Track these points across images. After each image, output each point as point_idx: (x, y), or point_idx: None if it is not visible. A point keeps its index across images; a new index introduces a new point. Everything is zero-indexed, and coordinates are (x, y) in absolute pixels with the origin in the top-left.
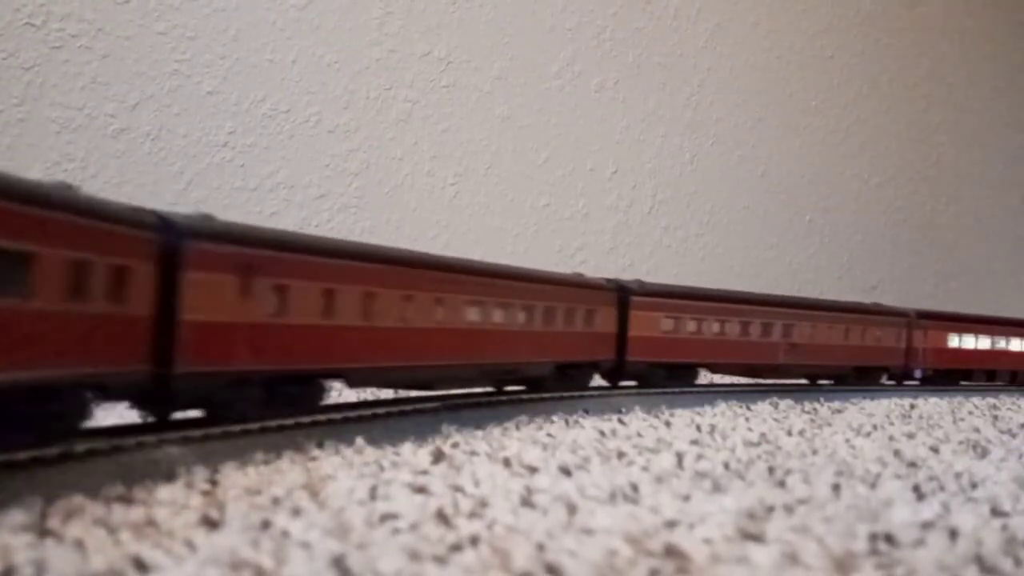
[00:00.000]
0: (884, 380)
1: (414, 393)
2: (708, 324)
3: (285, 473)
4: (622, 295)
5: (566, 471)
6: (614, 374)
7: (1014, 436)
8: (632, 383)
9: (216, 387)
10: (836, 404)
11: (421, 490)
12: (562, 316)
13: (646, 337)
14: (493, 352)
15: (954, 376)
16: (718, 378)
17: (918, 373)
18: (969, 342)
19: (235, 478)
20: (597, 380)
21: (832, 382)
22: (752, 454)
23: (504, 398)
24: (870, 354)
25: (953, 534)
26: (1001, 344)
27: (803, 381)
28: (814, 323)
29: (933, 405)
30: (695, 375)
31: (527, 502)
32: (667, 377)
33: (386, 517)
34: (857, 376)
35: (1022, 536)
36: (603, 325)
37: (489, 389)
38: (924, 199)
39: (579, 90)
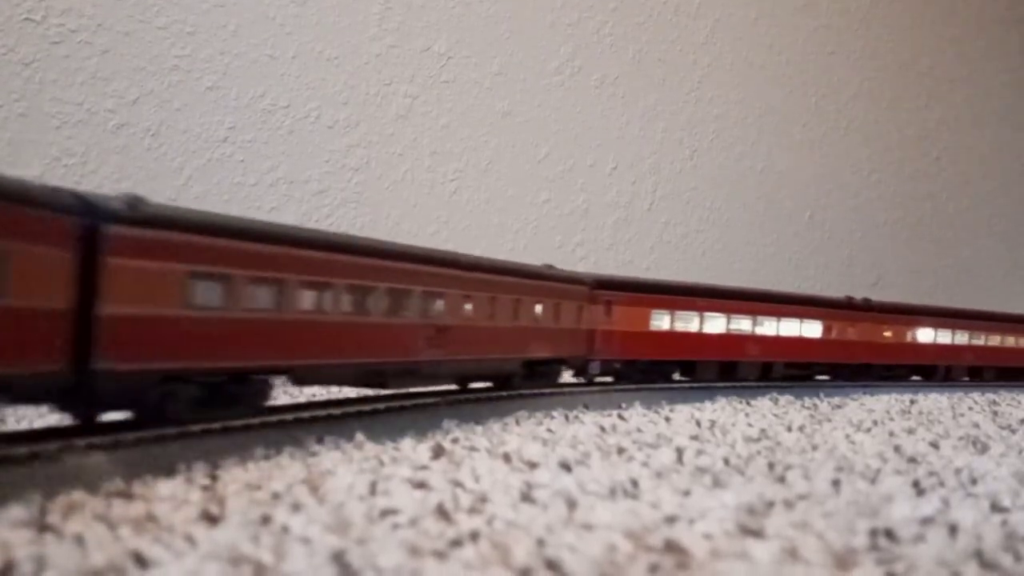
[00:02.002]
0: (569, 377)
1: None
2: (291, 293)
3: (285, 468)
4: (88, 224)
5: (566, 466)
6: (70, 399)
7: (1014, 432)
8: (123, 417)
9: None
10: (836, 399)
11: (421, 485)
12: None
13: (148, 319)
14: None
15: (666, 370)
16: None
17: (595, 367)
18: (689, 323)
19: (235, 473)
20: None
21: (491, 385)
22: (752, 450)
23: (504, 393)
24: (546, 341)
25: (953, 530)
26: (742, 327)
27: (451, 387)
28: (470, 293)
29: (933, 401)
30: (264, 393)
31: (527, 497)
32: (200, 402)
33: (386, 512)
34: (527, 375)
35: (1022, 532)
36: (34, 292)
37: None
38: (924, 195)
39: (579, 86)
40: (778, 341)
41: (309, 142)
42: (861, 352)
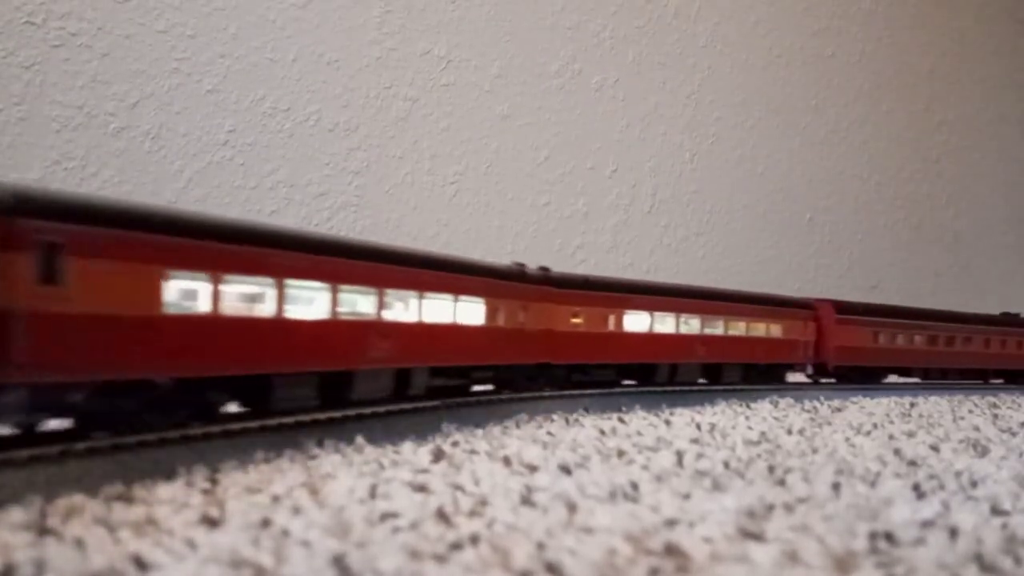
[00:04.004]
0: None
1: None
2: None
3: (285, 472)
4: None
5: (566, 469)
6: None
7: (1014, 435)
8: None
9: None
10: (836, 403)
11: (421, 489)
12: None
13: None
14: None
15: (208, 400)
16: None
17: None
18: (257, 303)
19: (235, 476)
20: None
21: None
22: (752, 453)
23: (504, 396)
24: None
25: (953, 533)
26: (363, 308)
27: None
28: None
29: (933, 404)
30: None
31: (527, 501)
32: None
33: (386, 516)
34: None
35: (1022, 535)
36: None
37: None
38: (924, 198)
39: (579, 89)
40: (419, 333)
41: (309, 145)
42: (538, 348)
